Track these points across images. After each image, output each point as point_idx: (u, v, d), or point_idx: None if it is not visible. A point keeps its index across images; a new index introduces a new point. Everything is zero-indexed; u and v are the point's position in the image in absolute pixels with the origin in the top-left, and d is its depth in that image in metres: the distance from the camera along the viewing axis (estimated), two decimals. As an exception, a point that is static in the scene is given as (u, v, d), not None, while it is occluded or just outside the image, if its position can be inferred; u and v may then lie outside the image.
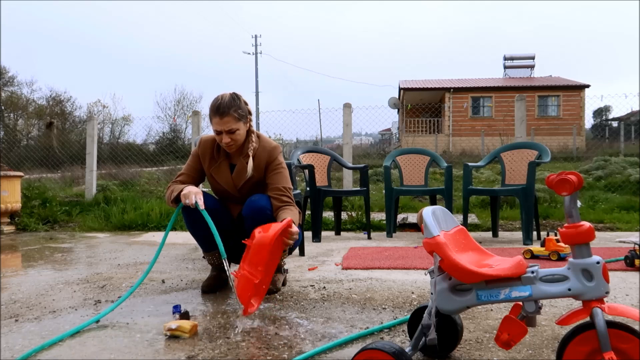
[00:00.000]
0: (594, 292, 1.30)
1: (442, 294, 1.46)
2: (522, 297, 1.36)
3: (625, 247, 3.70)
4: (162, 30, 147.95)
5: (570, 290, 1.32)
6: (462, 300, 1.44)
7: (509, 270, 1.38)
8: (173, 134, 24.53)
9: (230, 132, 2.40)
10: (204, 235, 2.48)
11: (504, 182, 4.60)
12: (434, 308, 1.47)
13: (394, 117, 29.22)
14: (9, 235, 5.25)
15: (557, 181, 1.33)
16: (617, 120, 23.22)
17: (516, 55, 28.64)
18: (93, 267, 3.40)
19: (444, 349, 1.67)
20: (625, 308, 1.29)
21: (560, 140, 19.58)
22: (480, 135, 20.38)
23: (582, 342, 1.31)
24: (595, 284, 1.30)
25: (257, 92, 32.96)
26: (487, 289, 1.41)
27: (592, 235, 1.31)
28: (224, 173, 2.55)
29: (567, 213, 1.35)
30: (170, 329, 1.92)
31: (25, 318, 2.23)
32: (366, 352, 1.41)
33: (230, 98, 2.41)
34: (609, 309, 1.28)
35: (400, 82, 27.19)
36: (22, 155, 11.36)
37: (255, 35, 34.82)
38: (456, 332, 1.66)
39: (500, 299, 1.39)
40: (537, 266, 1.39)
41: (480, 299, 1.41)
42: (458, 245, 1.49)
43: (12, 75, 26.93)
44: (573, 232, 1.31)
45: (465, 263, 1.39)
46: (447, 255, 1.39)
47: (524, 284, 1.36)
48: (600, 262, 1.31)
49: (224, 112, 2.37)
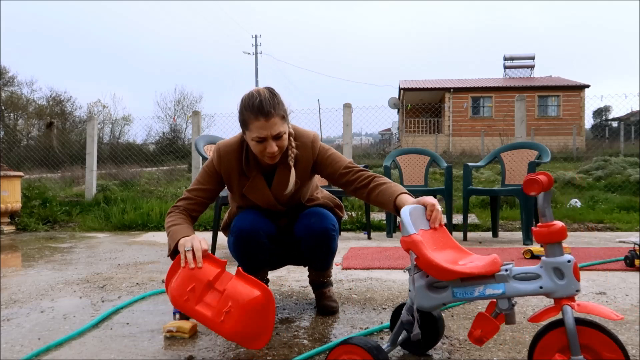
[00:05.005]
0: (565, 290, 1.32)
1: (419, 291, 1.49)
2: (496, 294, 1.39)
3: (625, 247, 3.70)
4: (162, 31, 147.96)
5: (542, 288, 1.34)
6: (438, 297, 1.47)
7: (483, 268, 1.40)
8: (173, 134, 24.54)
9: (278, 136, 1.87)
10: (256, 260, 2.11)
11: (504, 182, 4.60)
12: (414, 305, 1.50)
13: (394, 117, 29.23)
14: (9, 235, 5.25)
15: (525, 181, 1.35)
16: (617, 121, 23.22)
17: (516, 56, 28.63)
18: (93, 267, 3.40)
19: (426, 345, 1.71)
20: (596, 306, 1.31)
21: (560, 141, 19.58)
22: (480, 136, 20.38)
23: (552, 338, 1.33)
24: (566, 282, 1.32)
25: (257, 92, 32.87)
26: (463, 287, 1.43)
27: (564, 234, 1.33)
28: (262, 190, 2.05)
29: (540, 212, 1.37)
30: (169, 330, 1.93)
31: (25, 318, 2.23)
32: (343, 347, 1.44)
33: (270, 94, 1.87)
34: (579, 306, 1.30)
35: (400, 82, 27.20)
36: (22, 155, 11.36)
37: (255, 35, 34.91)
38: (436, 327, 1.69)
39: (474, 297, 1.41)
40: (512, 264, 1.42)
41: (456, 296, 1.44)
42: (436, 243, 1.51)
43: (12, 75, 26.95)
44: (545, 231, 1.34)
45: (440, 261, 1.41)
46: (423, 253, 1.41)
47: (498, 281, 1.39)
48: (571, 260, 1.33)
49: (269, 112, 1.82)
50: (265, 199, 2.07)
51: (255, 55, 34.04)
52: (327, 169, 2.04)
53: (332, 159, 2.04)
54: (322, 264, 2.23)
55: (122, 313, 2.27)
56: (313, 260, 2.22)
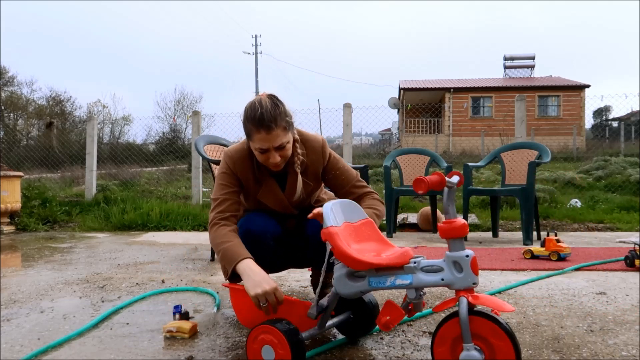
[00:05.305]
0: (462, 283, 1.41)
1: (340, 279, 1.60)
2: (404, 284, 1.49)
3: (625, 247, 3.70)
4: (162, 31, 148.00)
5: (443, 280, 1.43)
6: (356, 286, 1.58)
7: (393, 259, 1.50)
8: (173, 134, 24.56)
9: (280, 147, 1.87)
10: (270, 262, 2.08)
11: (504, 182, 4.60)
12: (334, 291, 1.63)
13: (394, 117, 29.25)
14: (9, 235, 5.25)
15: (414, 181, 1.45)
16: (617, 120, 23.23)
17: (516, 55, 28.64)
18: (93, 267, 3.40)
19: (361, 330, 1.85)
20: (489, 298, 1.41)
21: (560, 141, 19.59)
22: (480, 136, 20.39)
23: (450, 327, 1.44)
24: (463, 275, 1.41)
25: (257, 92, 32.30)
26: (377, 277, 1.54)
27: (464, 230, 1.42)
28: (276, 194, 2.06)
29: (444, 209, 1.46)
30: (169, 330, 1.92)
31: (25, 318, 2.23)
32: (261, 327, 1.58)
33: (273, 104, 1.85)
34: (473, 298, 1.40)
35: (400, 82, 27.20)
36: (22, 155, 11.36)
37: (255, 35, 34.89)
38: (370, 314, 1.82)
39: (386, 286, 1.52)
40: (422, 258, 1.51)
41: (371, 285, 1.55)
42: (359, 236, 1.62)
43: (12, 75, 26.95)
44: (448, 227, 1.42)
45: (353, 252, 1.51)
46: (337, 245, 1.52)
47: (406, 272, 1.49)
48: (469, 255, 1.41)
49: (270, 125, 1.81)
50: (280, 203, 2.07)
51: (255, 55, 34.07)
52: (336, 181, 2.08)
53: (342, 172, 2.08)
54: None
55: (122, 313, 2.27)
56: (320, 258, 2.22)
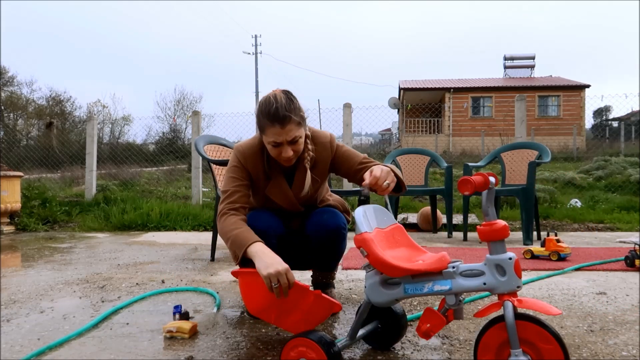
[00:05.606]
0: (506, 286, 1.36)
1: (373, 287, 1.54)
2: (443, 290, 1.43)
3: (626, 247, 3.70)
4: (162, 31, 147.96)
5: (485, 284, 1.38)
6: (391, 293, 1.52)
7: (431, 265, 1.44)
8: (173, 134, 24.55)
9: (293, 141, 1.89)
10: None
11: (504, 182, 4.60)
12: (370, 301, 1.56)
13: (394, 117, 29.25)
14: (9, 235, 5.25)
15: (459, 182, 1.40)
16: (617, 120, 23.22)
17: (516, 55, 28.64)
18: (93, 267, 3.40)
19: (389, 341, 1.75)
20: (536, 301, 1.35)
21: (560, 141, 19.59)
22: (480, 136, 20.38)
23: (494, 333, 1.38)
24: (507, 278, 1.36)
25: (257, 92, 32.95)
26: (413, 283, 1.48)
27: (505, 232, 1.37)
28: (284, 191, 2.08)
29: (483, 211, 1.41)
30: (169, 330, 1.92)
31: (25, 318, 2.23)
32: (295, 340, 1.48)
33: (287, 98, 1.88)
34: (519, 302, 1.34)
35: (400, 82, 27.20)
36: (22, 155, 11.36)
37: (255, 35, 34.94)
38: (399, 323, 1.73)
39: (424, 292, 1.46)
40: (460, 262, 1.45)
41: (407, 292, 1.49)
42: (391, 241, 1.57)
43: (12, 75, 26.96)
44: (488, 229, 1.38)
45: (389, 258, 1.46)
46: (373, 251, 1.46)
47: (445, 278, 1.43)
48: (512, 258, 1.37)
49: (285, 118, 1.84)
50: (287, 199, 2.09)
51: (255, 55, 34.06)
52: (344, 165, 2.07)
53: (348, 155, 2.07)
54: (329, 264, 2.25)
55: (121, 313, 2.27)
56: (320, 259, 2.22)
